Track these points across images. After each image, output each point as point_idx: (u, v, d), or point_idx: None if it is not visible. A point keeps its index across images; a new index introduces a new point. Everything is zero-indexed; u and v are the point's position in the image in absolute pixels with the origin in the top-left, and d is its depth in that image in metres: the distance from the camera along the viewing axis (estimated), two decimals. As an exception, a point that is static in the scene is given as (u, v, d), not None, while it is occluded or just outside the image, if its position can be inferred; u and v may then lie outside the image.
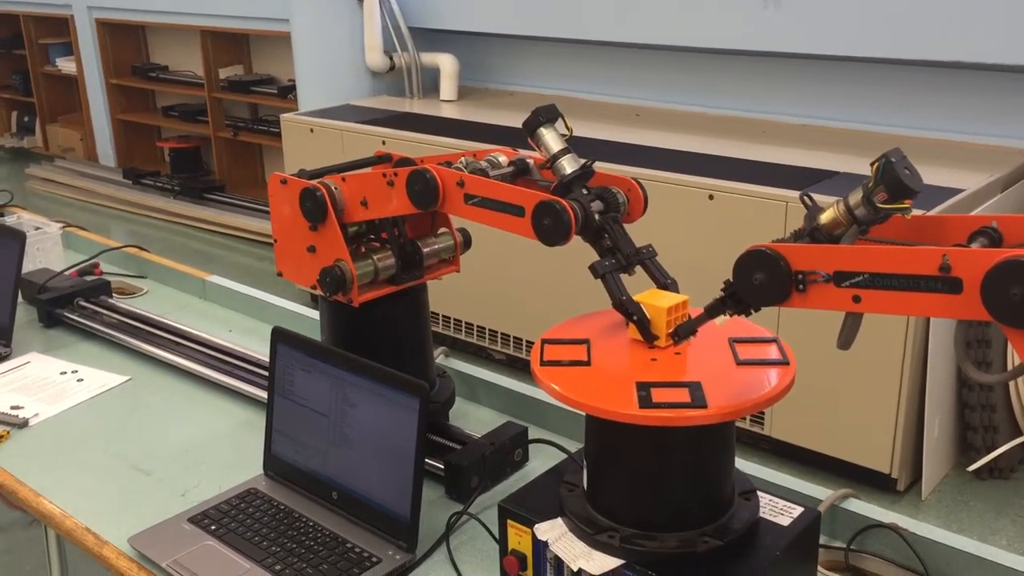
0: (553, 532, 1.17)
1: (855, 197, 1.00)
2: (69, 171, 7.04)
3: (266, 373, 1.56)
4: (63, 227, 2.56)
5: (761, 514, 1.18)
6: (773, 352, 1.16)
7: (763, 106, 4.10)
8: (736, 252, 1.03)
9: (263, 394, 1.67)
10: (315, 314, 1.93)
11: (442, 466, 1.47)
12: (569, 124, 1.34)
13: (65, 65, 7.45)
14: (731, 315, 1.08)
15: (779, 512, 1.19)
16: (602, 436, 1.15)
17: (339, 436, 1.40)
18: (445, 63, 4.74)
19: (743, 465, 1.35)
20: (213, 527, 1.38)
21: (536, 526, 1.18)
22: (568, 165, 1.30)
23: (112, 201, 6.47)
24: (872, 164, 0.98)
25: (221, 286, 2.26)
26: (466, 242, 1.60)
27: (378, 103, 4.72)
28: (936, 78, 3.62)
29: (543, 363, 1.15)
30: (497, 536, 1.27)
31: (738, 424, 1.53)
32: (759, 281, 1.01)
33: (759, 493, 1.21)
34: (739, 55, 4.06)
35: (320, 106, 4.67)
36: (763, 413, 3.23)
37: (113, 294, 2.22)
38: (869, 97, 3.81)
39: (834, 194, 1.43)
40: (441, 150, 3.76)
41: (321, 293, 1.49)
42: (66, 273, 2.26)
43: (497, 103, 4.67)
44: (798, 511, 1.19)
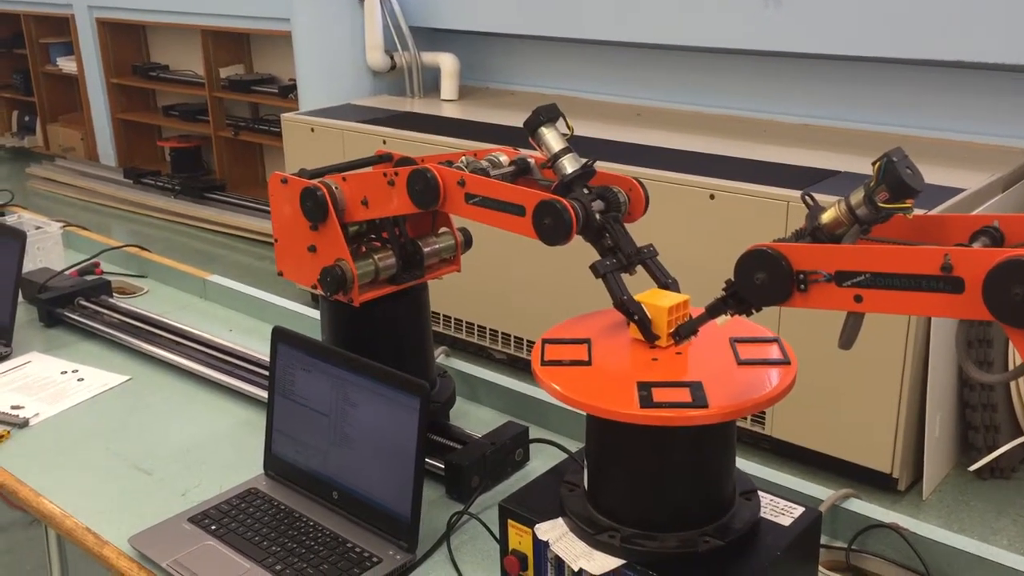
0: (554, 532, 1.17)
1: (856, 197, 1.00)
2: (70, 170, 7.05)
3: (267, 373, 1.56)
4: (63, 226, 2.56)
5: (762, 514, 1.18)
6: (774, 352, 1.16)
7: (764, 105, 4.10)
8: (737, 252, 1.02)
9: (264, 394, 1.67)
10: (316, 314, 1.93)
11: (443, 466, 1.47)
12: (570, 123, 1.34)
13: (66, 64, 7.45)
14: (732, 315, 1.08)
15: (780, 512, 1.19)
16: (603, 436, 1.15)
17: (340, 436, 1.40)
18: (446, 62, 4.74)
19: (744, 465, 1.34)
20: (213, 527, 1.38)
21: (537, 526, 1.18)
22: (569, 164, 1.30)
23: (113, 201, 6.47)
24: (874, 163, 0.98)
25: (222, 286, 2.26)
26: (467, 242, 1.60)
27: (379, 102, 4.72)
28: (937, 78, 3.62)
29: (544, 363, 1.15)
30: (498, 536, 1.27)
31: (739, 424, 1.53)
32: (760, 281, 1.01)
33: (760, 493, 1.21)
34: (740, 55, 4.06)
35: (321, 105, 4.67)
36: (764, 413, 3.23)
37: (114, 294, 2.22)
38: (870, 96, 3.81)
39: (835, 194, 1.43)
40: (442, 149, 3.76)
41: (322, 293, 1.49)
42: (67, 273, 2.26)
43: (498, 102, 4.67)
44: (799, 511, 1.19)
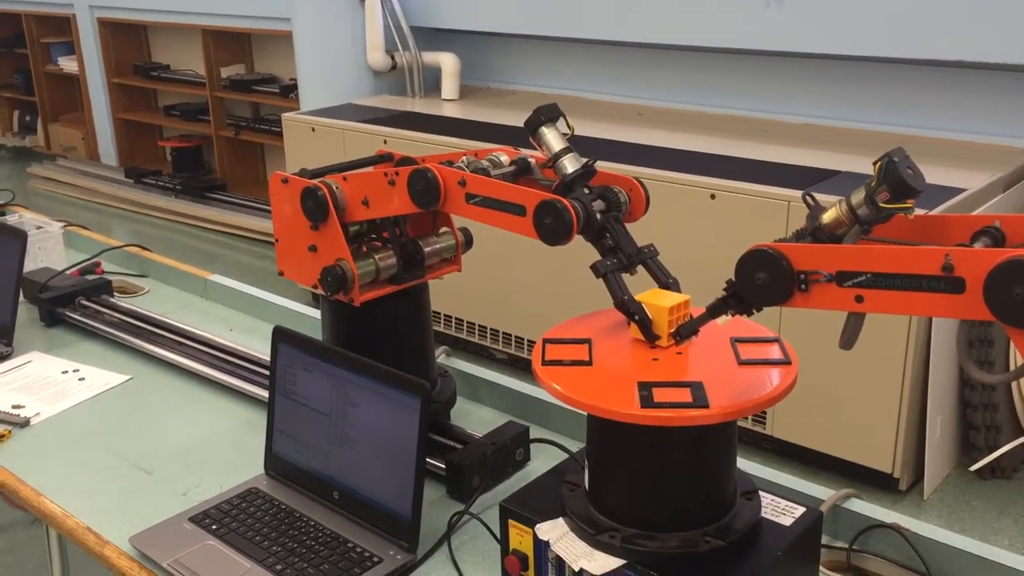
0: (554, 532, 1.17)
1: (857, 197, 0.99)
2: (71, 170, 7.05)
3: (267, 372, 1.56)
4: (64, 226, 2.56)
5: (763, 514, 1.18)
6: (775, 352, 1.16)
7: (765, 105, 4.10)
8: (738, 252, 1.02)
9: (264, 393, 1.67)
10: (316, 313, 1.93)
11: (443, 466, 1.46)
12: (571, 123, 1.34)
13: (67, 64, 7.45)
14: (733, 315, 1.08)
15: (781, 512, 1.19)
16: (603, 436, 1.15)
17: (340, 436, 1.40)
18: (447, 62, 4.74)
19: (745, 465, 1.34)
20: (214, 527, 1.38)
21: (537, 526, 1.18)
22: (570, 164, 1.30)
23: (114, 200, 6.48)
24: (875, 163, 0.98)
25: (222, 285, 2.26)
26: (467, 241, 1.60)
27: (380, 102, 4.72)
28: (938, 77, 3.61)
29: (545, 363, 1.15)
30: (498, 536, 1.27)
31: (740, 424, 1.52)
32: (761, 281, 1.01)
33: (761, 493, 1.20)
34: (741, 54, 4.06)
35: (322, 105, 4.67)
36: (765, 413, 3.23)
37: (114, 293, 2.22)
38: (871, 96, 3.81)
39: (836, 193, 1.42)
40: (443, 149, 3.76)
41: (322, 292, 1.49)
42: (67, 272, 2.26)
43: (499, 102, 4.67)
44: (800, 511, 1.19)
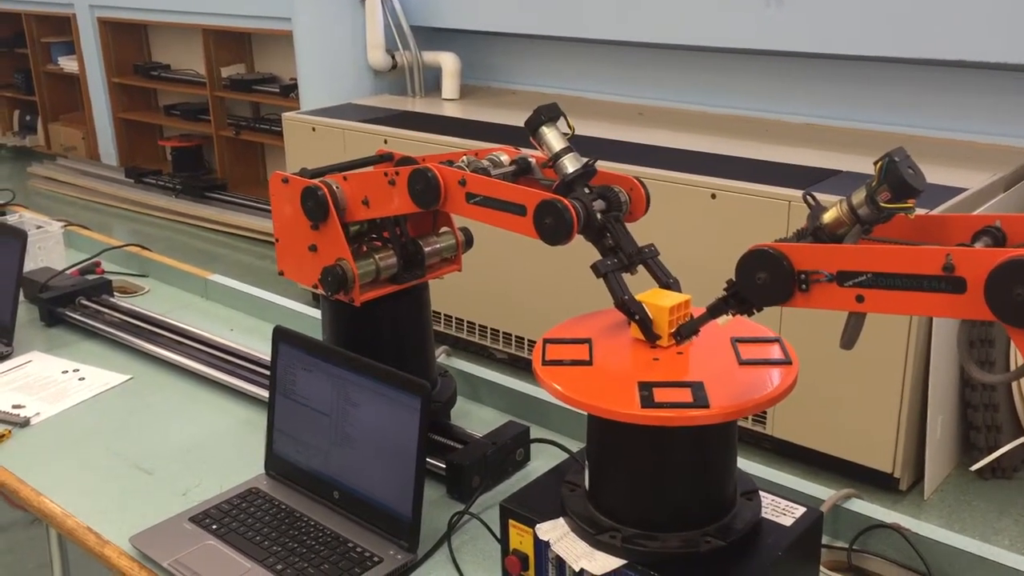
0: (555, 532, 1.16)
1: (858, 196, 0.99)
2: (71, 170, 7.05)
3: (268, 372, 1.56)
4: (65, 226, 2.56)
5: (763, 514, 1.18)
6: (775, 352, 1.15)
7: (765, 105, 4.10)
8: (738, 251, 1.02)
9: (265, 393, 1.67)
10: (317, 313, 1.93)
11: (444, 466, 1.46)
12: (571, 123, 1.34)
13: (67, 64, 7.45)
14: (733, 315, 1.08)
15: (781, 512, 1.19)
16: (604, 436, 1.15)
17: (341, 435, 1.40)
18: (447, 62, 4.74)
19: (745, 465, 1.34)
20: (214, 527, 1.38)
21: (538, 526, 1.18)
22: (570, 164, 1.30)
23: (114, 200, 6.48)
24: (875, 163, 0.98)
25: (223, 285, 2.26)
26: (468, 241, 1.60)
27: (380, 102, 4.72)
28: (939, 77, 3.61)
29: (545, 362, 1.15)
30: (499, 536, 1.27)
31: (740, 424, 1.52)
32: (762, 281, 1.01)
33: (761, 493, 1.20)
34: (742, 54, 4.05)
35: (322, 105, 4.67)
36: (765, 412, 3.23)
37: (115, 293, 2.22)
38: (872, 96, 3.81)
39: (837, 193, 1.42)
40: (443, 149, 3.76)
41: (322, 292, 1.49)
42: (68, 272, 2.26)
43: (499, 102, 4.67)
44: (800, 511, 1.19)
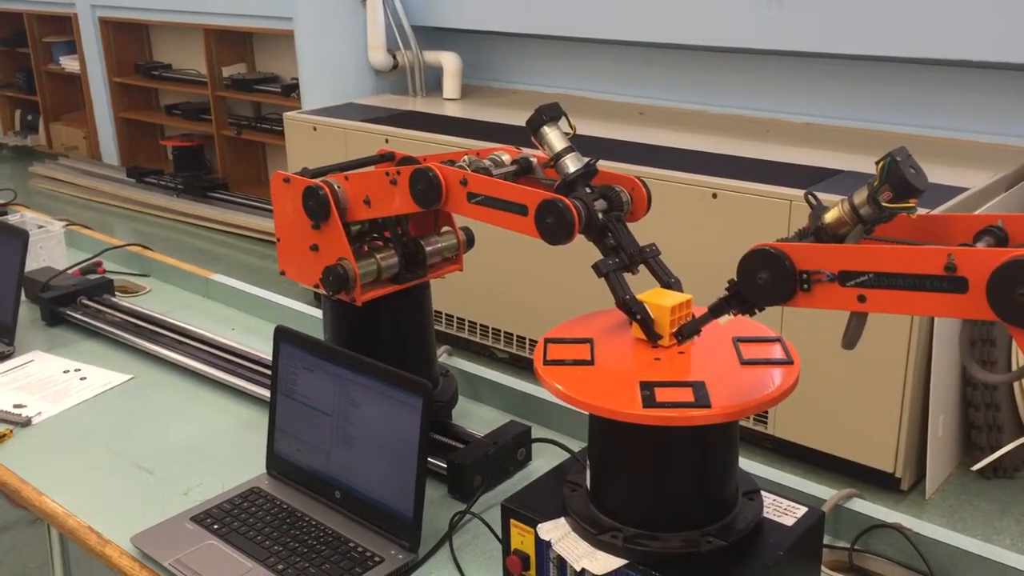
0: (556, 532, 1.16)
1: (860, 196, 0.99)
2: (72, 169, 7.05)
3: (269, 372, 1.56)
4: (66, 225, 2.56)
5: (765, 514, 1.18)
6: (777, 351, 1.15)
7: (767, 104, 4.10)
8: (740, 251, 1.02)
9: (266, 393, 1.67)
10: (318, 313, 1.93)
11: (445, 465, 1.46)
12: (572, 122, 1.34)
13: (68, 63, 7.45)
14: (735, 314, 1.08)
15: (783, 512, 1.19)
16: (605, 436, 1.15)
17: (342, 435, 1.39)
18: (448, 61, 4.74)
19: (746, 464, 1.34)
20: (216, 526, 1.38)
21: (539, 526, 1.18)
22: (571, 164, 1.30)
23: (115, 199, 6.48)
24: (877, 163, 0.98)
25: (224, 285, 2.26)
26: (469, 241, 1.60)
27: (381, 101, 4.72)
28: (940, 76, 3.61)
29: (546, 362, 1.15)
30: (500, 536, 1.27)
31: (742, 423, 1.52)
32: (763, 280, 1.01)
33: (763, 493, 1.20)
34: (743, 53, 4.05)
35: (323, 104, 4.67)
36: (767, 412, 3.23)
37: (116, 293, 2.22)
38: (873, 96, 3.81)
39: (839, 193, 1.42)
40: (444, 148, 3.76)
41: (324, 292, 1.49)
42: (69, 272, 2.26)
43: (500, 101, 4.67)
44: (802, 511, 1.19)
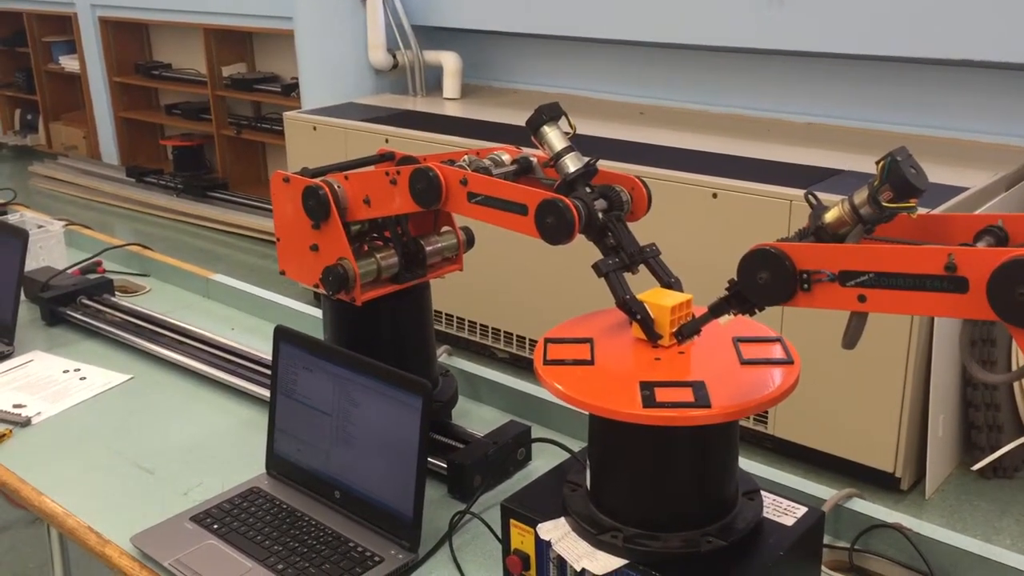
0: (556, 532, 1.16)
1: (860, 196, 0.99)
2: (72, 169, 7.05)
3: (269, 372, 1.56)
4: (66, 225, 2.56)
5: (765, 514, 1.18)
6: (777, 351, 1.15)
7: (767, 104, 4.10)
8: (740, 251, 1.02)
9: (266, 393, 1.67)
10: (318, 313, 1.93)
11: (445, 465, 1.46)
12: (572, 122, 1.34)
13: (68, 63, 7.45)
14: (735, 314, 1.07)
15: (783, 512, 1.19)
16: (605, 435, 1.15)
17: (342, 435, 1.39)
18: (448, 61, 4.74)
19: (746, 464, 1.34)
20: (215, 526, 1.38)
21: (539, 526, 1.18)
22: (571, 163, 1.30)
23: (115, 199, 6.48)
24: (877, 163, 0.98)
25: (224, 284, 2.26)
26: (469, 240, 1.60)
27: (381, 101, 4.72)
28: (941, 76, 3.61)
29: (546, 362, 1.15)
30: (500, 536, 1.27)
31: (742, 423, 1.51)
32: (763, 280, 1.01)
33: (763, 493, 1.20)
34: (743, 53, 4.05)
35: (323, 104, 4.67)
36: (767, 412, 3.23)
37: (116, 292, 2.22)
38: (874, 95, 3.81)
39: (839, 193, 1.42)
40: (444, 148, 3.76)
41: (324, 292, 1.49)
42: (69, 271, 2.26)
43: (500, 101, 4.66)
44: (802, 511, 1.19)
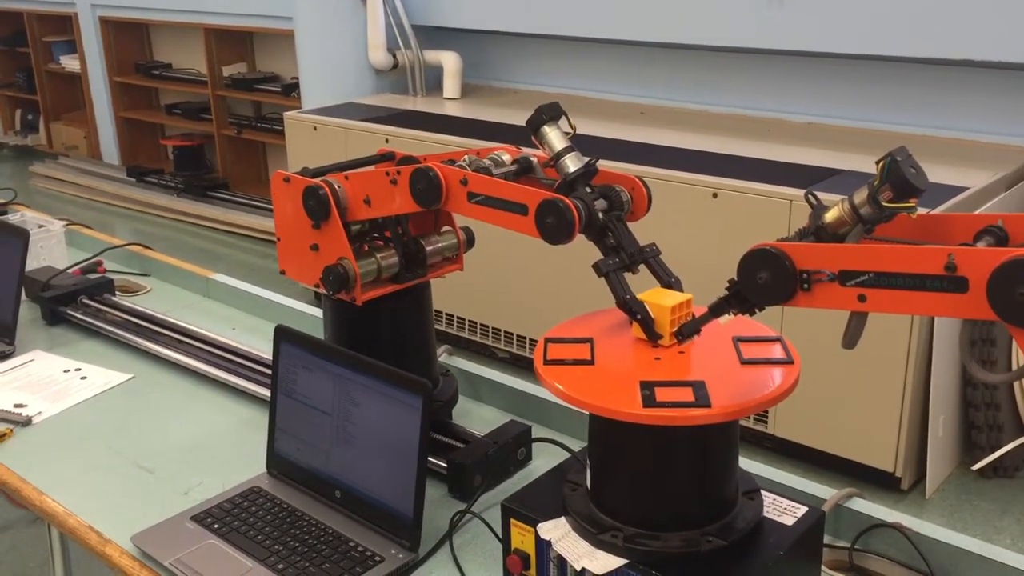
0: (556, 531, 1.16)
1: (860, 196, 0.99)
2: (73, 169, 7.05)
3: (269, 371, 1.56)
4: (66, 225, 2.56)
5: (765, 513, 1.18)
6: (777, 351, 1.15)
7: (767, 104, 4.10)
8: (740, 251, 1.02)
9: (266, 392, 1.67)
10: (318, 312, 1.93)
11: (445, 465, 1.46)
12: (572, 122, 1.34)
13: (69, 63, 7.45)
14: (735, 314, 1.08)
15: (783, 511, 1.19)
16: (605, 435, 1.15)
17: (342, 435, 1.40)
18: (448, 61, 4.74)
19: (746, 464, 1.34)
20: (216, 526, 1.38)
21: (539, 525, 1.18)
22: (572, 163, 1.30)
23: (115, 199, 6.48)
24: (877, 163, 0.98)
25: (224, 284, 2.26)
26: (469, 240, 1.60)
27: (381, 101, 4.72)
28: (941, 76, 3.61)
29: (546, 362, 1.15)
30: (500, 535, 1.27)
31: (742, 423, 1.51)
32: (763, 280, 1.01)
33: (763, 492, 1.20)
34: (743, 53, 4.05)
35: (323, 104, 4.67)
36: (767, 412, 3.23)
37: (116, 292, 2.22)
38: (874, 95, 3.81)
39: (839, 192, 1.42)
40: (444, 148, 3.76)
41: (324, 291, 1.49)
42: (69, 271, 2.26)
43: (500, 101, 4.67)
44: (802, 510, 1.19)
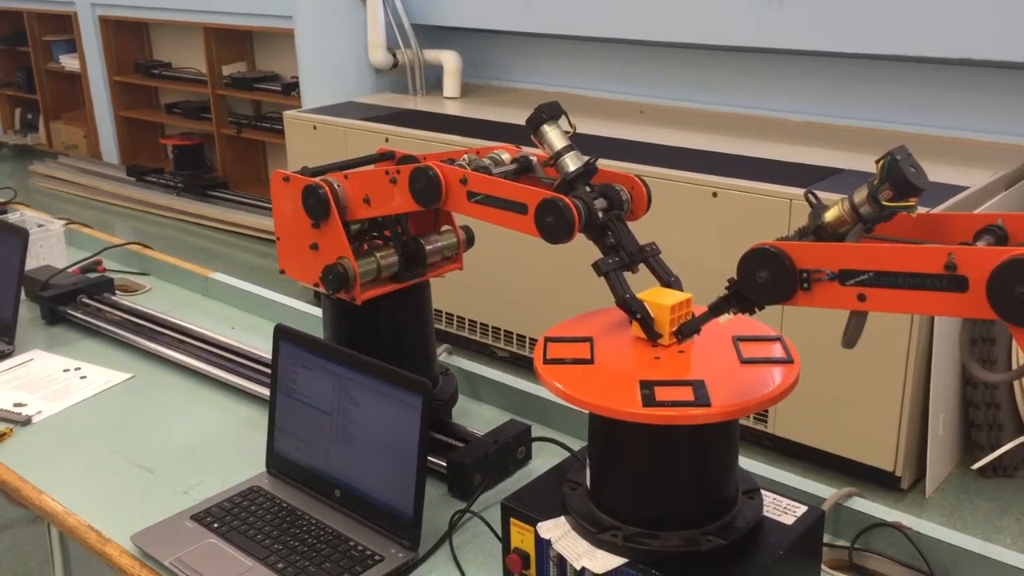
0: (556, 531, 1.16)
1: (860, 195, 0.99)
2: (72, 168, 7.05)
3: (269, 371, 1.56)
4: (66, 224, 2.56)
5: (765, 513, 1.18)
6: (777, 350, 1.15)
7: (767, 103, 4.10)
8: (740, 250, 1.02)
9: (266, 392, 1.67)
10: (318, 311, 1.93)
11: (445, 464, 1.46)
12: (572, 121, 1.34)
13: (68, 62, 7.45)
14: (735, 313, 1.08)
15: (783, 511, 1.19)
16: (605, 434, 1.15)
17: (342, 434, 1.40)
18: (448, 60, 4.74)
19: (746, 463, 1.34)
20: (216, 525, 1.38)
21: (539, 524, 1.18)
22: (571, 162, 1.30)
23: (115, 198, 6.48)
24: (877, 162, 0.98)
25: (224, 283, 2.26)
26: (469, 240, 1.60)
27: (381, 100, 4.72)
28: (941, 75, 3.61)
29: (546, 361, 1.15)
30: (500, 534, 1.27)
31: (741, 422, 1.51)
32: (763, 279, 1.01)
33: (763, 492, 1.20)
34: (743, 52, 4.05)
35: (323, 103, 4.67)
36: (767, 411, 3.23)
37: (116, 291, 2.22)
38: (873, 94, 3.81)
39: (839, 192, 1.42)
40: (444, 147, 3.75)
41: (324, 291, 1.49)
42: (69, 270, 2.26)
43: (500, 100, 4.66)
44: (802, 510, 1.19)
